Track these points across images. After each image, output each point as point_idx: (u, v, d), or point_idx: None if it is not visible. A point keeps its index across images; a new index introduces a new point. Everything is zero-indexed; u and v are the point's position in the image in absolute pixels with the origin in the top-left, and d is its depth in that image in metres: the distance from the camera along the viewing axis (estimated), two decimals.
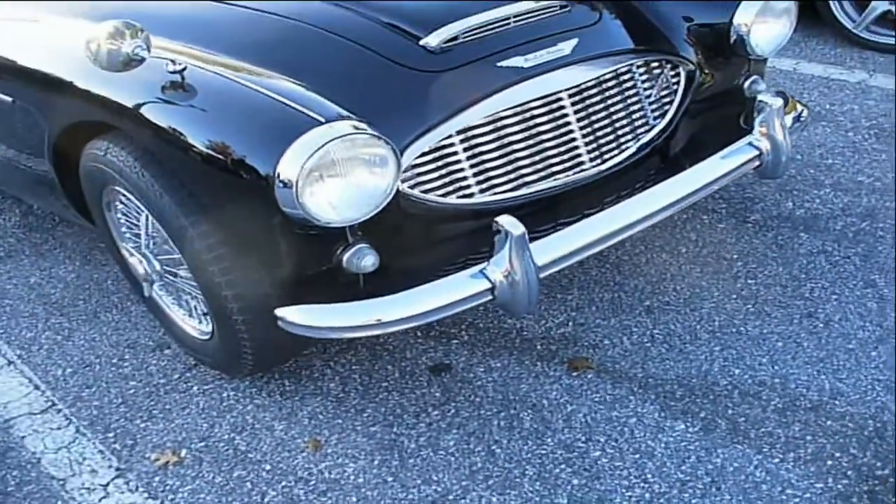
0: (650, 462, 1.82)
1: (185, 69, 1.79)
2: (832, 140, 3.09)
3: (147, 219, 2.06)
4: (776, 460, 1.78)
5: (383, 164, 1.70)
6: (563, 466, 1.84)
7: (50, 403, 2.18)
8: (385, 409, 2.05)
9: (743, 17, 2.28)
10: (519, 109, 1.99)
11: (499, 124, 1.97)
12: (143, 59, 1.75)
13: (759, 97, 2.25)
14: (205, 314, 2.07)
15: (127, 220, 2.21)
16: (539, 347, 2.20)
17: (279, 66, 1.90)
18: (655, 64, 2.25)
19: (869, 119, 3.25)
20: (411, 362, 2.19)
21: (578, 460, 1.85)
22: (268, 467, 1.91)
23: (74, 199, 2.35)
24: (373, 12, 2.08)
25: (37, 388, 2.24)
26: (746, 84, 2.43)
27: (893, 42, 3.81)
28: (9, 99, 2.27)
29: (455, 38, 2.00)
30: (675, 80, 2.29)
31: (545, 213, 2.08)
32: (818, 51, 3.97)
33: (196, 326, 2.17)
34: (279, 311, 1.80)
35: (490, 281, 1.80)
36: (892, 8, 3.77)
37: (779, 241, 2.53)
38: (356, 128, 1.67)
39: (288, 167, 1.60)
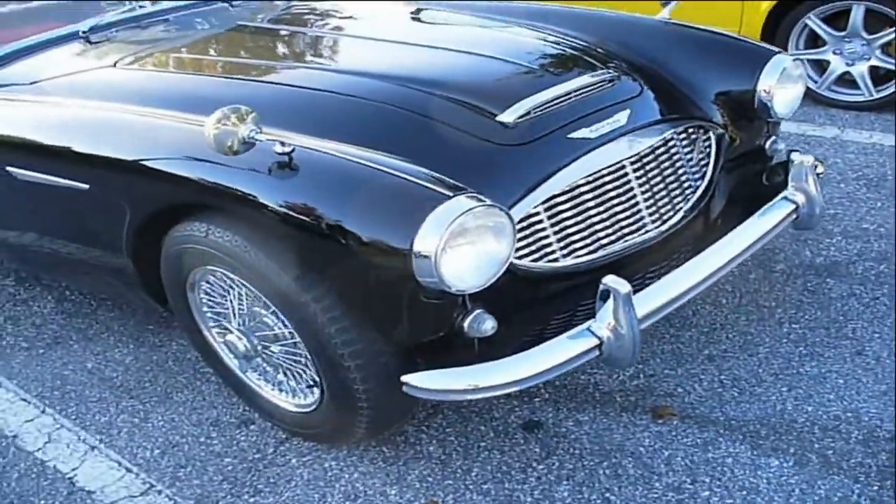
0: (759, 498, 1.96)
1: (293, 150, 1.87)
2: (828, 192, 3.35)
3: (241, 297, 2.13)
4: (875, 488, 1.94)
5: (504, 232, 1.82)
6: None
7: (148, 485, 2.19)
8: (490, 466, 2.14)
9: (766, 83, 2.50)
10: (593, 177, 2.15)
11: (576, 192, 2.13)
12: (256, 142, 1.84)
13: (792, 156, 2.48)
14: (309, 386, 2.13)
15: (210, 300, 2.26)
16: (619, 399, 2.32)
17: (371, 145, 2.01)
18: (692, 129, 2.45)
19: (854, 171, 3.54)
20: (501, 421, 2.28)
21: (690, 500, 1.97)
22: None
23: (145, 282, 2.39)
24: (445, 92, 2.21)
25: (129, 470, 2.25)
26: (767, 144, 2.66)
27: (854, 99, 4.18)
28: (84, 186, 2.30)
29: (528, 114, 2.15)
30: (706, 143, 2.49)
31: (619, 274, 2.23)
32: None
33: (290, 400, 2.23)
34: (407, 378, 1.88)
35: (598, 337, 1.92)
36: (850, 70, 4.14)
37: (809, 288, 2.74)
38: (478, 199, 1.79)
39: (426, 240, 1.70)
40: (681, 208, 2.35)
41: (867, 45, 4.02)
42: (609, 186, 2.18)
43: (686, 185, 2.38)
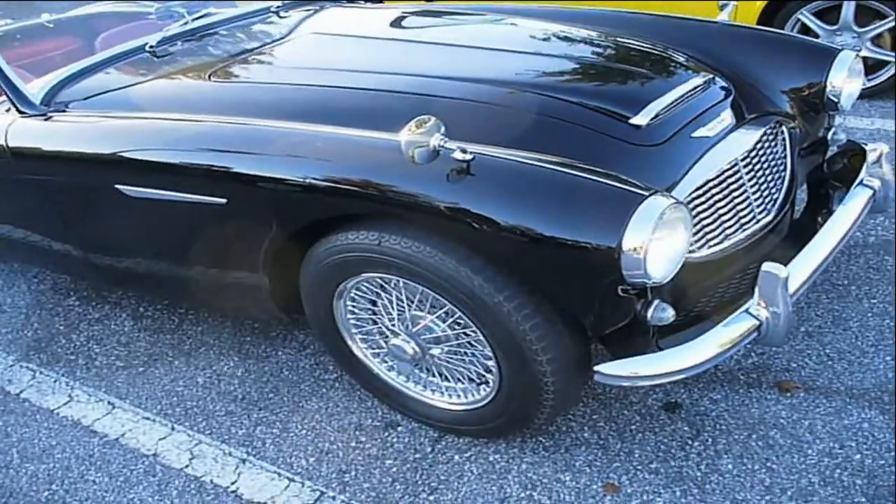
0: None
1: (473, 158, 1.95)
2: None
3: (402, 301, 2.19)
4: None
5: (688, 224, 1.96)
6: (838, 472, 2.13)
7: (318, 492, 2.23)
8: (649, 447, 2.27)
9: (835, 78, 2.71)
10: (718, 172, 2.31)
11: (706, 187, 2.28)
12: (445, 151, 1.91)
13: (868, 146, 2.71)
14: (479, 383, 2.22)
15: (355, 307, 2.31)
16: (742, 377, 2.49)
17: (527, 150, 2.09)
18: (776, 123, 2.64)
19: None
20: (641, 405, 2.42)
21: (848, 464, 2.15)
22: None
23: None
24: (579, 98, 2.31)
25: (291, 480, 2.28)
26: (829, 135, 2.88)
27: None
28: (221, 201, 2.30)
29: (657, 116, 2.29)
30: (781, 136, 2.68)
31: (742, 261, 2.40)
32: None
33: (449, 399, 2.30)
34: (600, 367, 2.00)
35: (757, 319, 2.08)
36: None
37: (872, 266, 2.98)
38: (667, 196, 1.91)
39: (634, 236, 1.82)
40: (777, 198, 2.53)
41: (857, 37, 4.33)
42: (731, 180, 2.34)
43: (778, 176, 2.57)
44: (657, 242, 1.86)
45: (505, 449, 2.31)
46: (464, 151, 1.90)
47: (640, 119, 2.24)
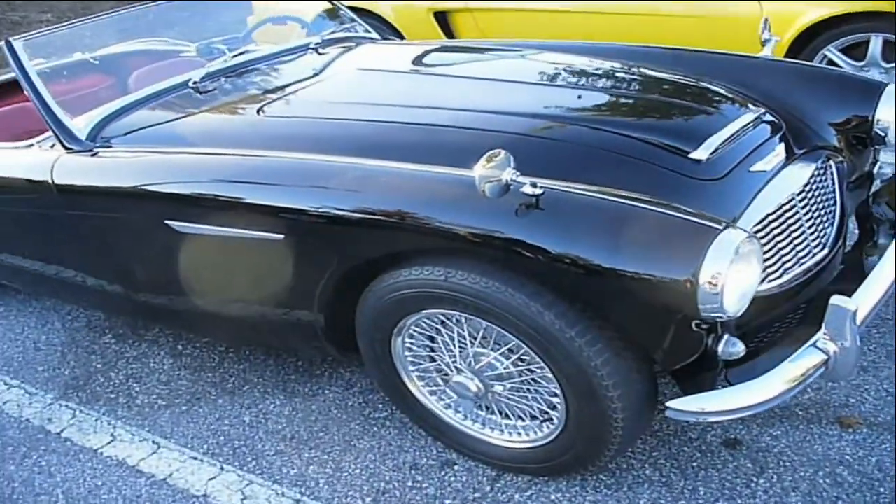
0: None
1: (543, 193, 1.92)
2: None
3: (464, 338, 2.16)
4: None
5: (760, 258, 1.94)
6: None
7: None
8: (714, 485, 2.23)
9: (883, 112, 2.71)
10: (776, 206, 2.29)
11: (765, 221, 2.26)
12: (516, 185, 1.89)
13: None
14: (543, 420, 2.18)
15: (412, 344, 2.28)
16: (800, 413, 2.46)
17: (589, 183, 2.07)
18: (826, 157, 2.63)
19: None
20: (701, 441, 2.38)
21: None
22: None
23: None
24: (638, 133, 2.30)
25: None
26: (876, 169, 2.88)
27: None
28: (278, 237, 2.28)
29: (716, 150, 2.27)
30: (830, 170, 2.67)
31: (799, 296, 2.38)
32: None
33: (509, 438, 2.27)
34: (672, 403, 1.96)
35: (825, 353, 2.05)
36: None
37: None
38: (741, 229, 1.90)
39: (711, 269, 1.79)
40: (829, 232, 2.51)
41: (885, 73, 4.35)
42: (788, 215, 2.33)
43: (829, 210, 2.55)
44: (734, 276, 1.84)
45: (566, 487, 2.26)
46: (534, 185, 1.88)
47: (700, 153, 2.23)
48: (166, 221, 2.46)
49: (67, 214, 2.71)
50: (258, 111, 2.68)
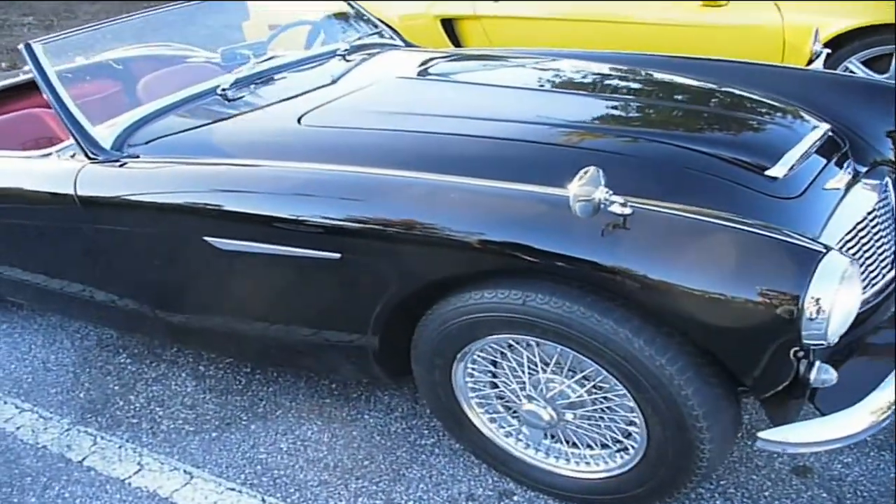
0: None
1: (633, 212, 1.80)
2: None
3: (537, 365, 2.04)
4: None
5: (859, 282, 1.84)
6: None
7: None
8: None
9: None
10: (853, 225, 2.21)
11: (842, 241, 2.18)
12: (607, 205, 1.77)
13: None
14: (617, 450, 2.07)
15: (474, 369, 2.16)
16: (868, 440, 2.37)
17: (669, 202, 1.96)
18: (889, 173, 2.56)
19: None
20: (769, 469, 2.28)
21: None
22: None
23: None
24: (712, 149, 2.19)
25: None
26: None
27: None
28: (335, 256, 2.13)
29: (792, 168, 2.18)
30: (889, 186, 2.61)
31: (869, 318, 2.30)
32: None
33: (573, 467, 2.15)
34: (765, 434, 1.87)
35: None
36: None
37: None
38: (839, 251, 1.80)
39: (817, 294, 1.69)
40: (891, 250, 2.44)
41: None
42: (862, 234, 2.24)
43: (891, 227, 2.48)
44: (840, 301, 1.74)
45: None
46: (623, 205, 1.77)
47: (778, 170, 2.14)
48: (205, 238, 2.30)
49: (91, 228, 2.54)
50: (298, 120, 2.54)
